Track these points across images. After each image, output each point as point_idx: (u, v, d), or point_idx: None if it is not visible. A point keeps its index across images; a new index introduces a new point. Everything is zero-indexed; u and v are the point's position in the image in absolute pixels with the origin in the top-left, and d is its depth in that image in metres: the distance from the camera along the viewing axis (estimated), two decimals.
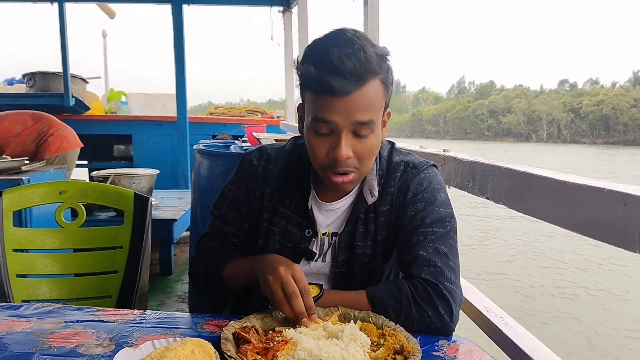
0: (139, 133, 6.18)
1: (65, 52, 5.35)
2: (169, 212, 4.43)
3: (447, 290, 1.15)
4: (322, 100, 1.14)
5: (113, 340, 1.04)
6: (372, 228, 1.30)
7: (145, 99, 6.88)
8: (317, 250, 1.34)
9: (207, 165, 3.16)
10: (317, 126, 1.17)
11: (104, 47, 9.81)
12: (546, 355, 1.17)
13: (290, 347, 0.97)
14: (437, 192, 1.29)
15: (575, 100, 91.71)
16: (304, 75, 1.17)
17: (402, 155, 1.36)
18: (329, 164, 1.20)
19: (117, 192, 1.87)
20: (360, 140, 1.18)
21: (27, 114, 4.15)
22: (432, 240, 1.21)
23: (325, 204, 1.34)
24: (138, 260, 1.80)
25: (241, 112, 6.81)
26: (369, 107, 1.15)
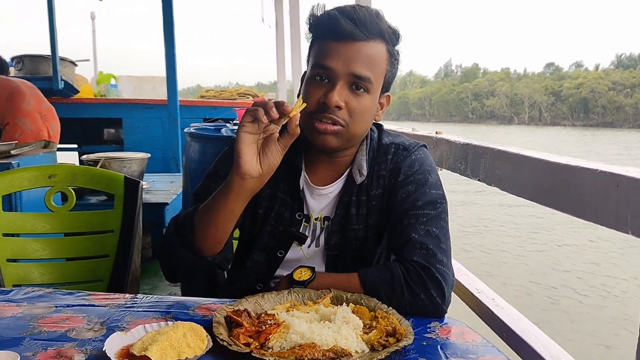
0: (129, 116, 6.10)
1: (53, 34, 5.27)
2: (161, 196, 4.40)
3: (439, 272, 1.15)
4: (327, 45, 1.18)
5: (104, 325, 1.03)
6: (364, 211, 1.30)
7: (135, 82, 6.80)
8: (309, 234, 1.33)
9: (199, 148, 3.14)
10: (315, 72, 1.20)
11: (93, 30, 9.66)
12: (537, 335, 1.18)
13: (283, 330, 0.97)
14: (428, 173, 1.28)
15: (556, 83, 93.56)
16: (315, 18, 1.22)
17: (392, 137, 1.36)
18: (317, 109, 1.20)
19: (107, 176, 1.85)
20: (355, 95, 1.19)
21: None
22: (423, 223, 1.21)
23: (317, 188, 1.33)
24: (129, 245, 1.79)
25: (232, 95, 6.75)
26: (369, 64, 1.18)
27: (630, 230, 0.81)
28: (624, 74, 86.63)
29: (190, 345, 0.90)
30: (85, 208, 2.44)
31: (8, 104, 3.92)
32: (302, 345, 0.92)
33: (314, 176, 1.34)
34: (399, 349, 0.93)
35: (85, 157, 4.29)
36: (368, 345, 0.97)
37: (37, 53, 5.56)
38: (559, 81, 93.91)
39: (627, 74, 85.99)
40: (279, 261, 1.34)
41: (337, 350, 0.91)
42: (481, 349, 0.98)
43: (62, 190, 1.81)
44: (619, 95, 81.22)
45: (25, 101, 4.00)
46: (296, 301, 1.14)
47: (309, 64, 1.25)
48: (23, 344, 0.94)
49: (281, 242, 1.33)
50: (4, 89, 3.96)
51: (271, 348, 0.94)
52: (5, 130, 3.88)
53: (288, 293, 1.16)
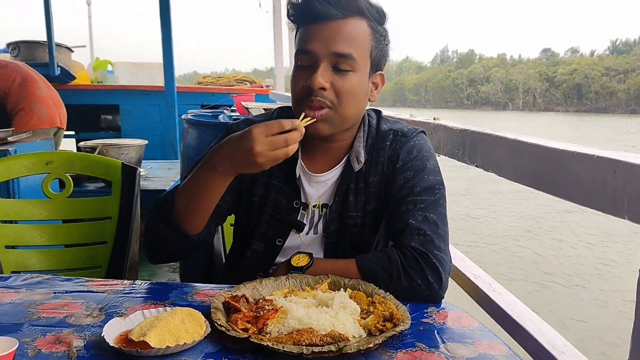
0: (126, 103, 6.08)
1: (49, 20, 5.23)
2: (159, 183, 4.40)
3: (437, 258, 1.16)
4: (305, 30, 1.19)
5: (103, 311, 1.04)
6: (362, 198, 1.30)
7: (132, 68, 6.77)
8: (307, 222, 1.33)
9: (196, 135, 3.13)
10: (298, 58, 1.21)
11: (89, 15, 9.60)
12: (533, 320, 1.19)
13: (281, 315, 0.97)
14: (426, 159, 1.28)
15: (550, 69, 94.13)
16: (293, 10, 1.22)
17: (390, 124, 1.35)
18: (304, 95, 1.19)
19: (104, 163, 1.85)
20: (340, 75, 1.18)
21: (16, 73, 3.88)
22: (421, 209, 1.21)
23: (315, 175, 1.33)
24: (127, 231, 1.80)
25: (230, 82, 6.74)
26: (350, 41, 1.17)
27: (627, 215, 0.81)
28: (617, 59, 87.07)
29: (188, 330, 0.90)
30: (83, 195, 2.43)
31: (22, 89, 3.85)
32: (300, 330, 0.93)
33: (311, 163, 1.34)
34: (396, 334, 0.93)
35: (83, 144, 4.28)
36: (365, 330, 0.97)
37: (33, 39, 5.53)
38: (553, 67, 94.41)
39: (620, 59, 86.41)
40: (278, 249, 1.34)
41: (334, 335, 0.92)
42: (478, 334, 0.99)
43: (60, 177, 1.81)
44: (612, 81, 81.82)
45: (37, 87, 3.95)
46: (294, 287, 1.15)
47: (295, 51, 1.25)
48: (22, 330, 0.94)
49: (279, 231, 1.33)
50: (16, 73, 3.89)
51: (269, 333, 0.94)
52: (19, 115, 3.81)
53: (286, 279, 1.16)
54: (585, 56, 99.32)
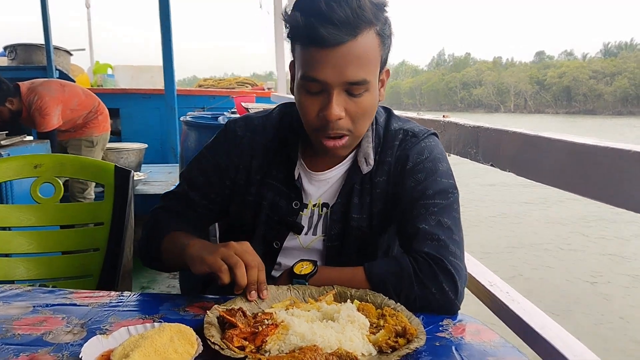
0: (126, 106, 6.01)
1: (47, 23, 5.16)
2: (158, 187, 4.32)
3: (452, 265, 1.06)
4: (311, 54, 1.04)
5: (85, 327, 0.93)
6: (367, 199, 1.20)
7: (132, 71, 6.69)
8: (306, 222, 1.24)
9: (195, 137, 3.04)
10: (306, 84, 1.08)
11: (88, 18, 9.52)
12: (557, 333, 1.08)
13: (281, 331, 0.87)
14: (438, 161, 1.18)
15: (541, 72, 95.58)
16: (292, 26, 1.07)
17: (401, 123, 1.26)
18: (320, 125, 1.10)
19: (96, 165, 1.75)
20: (353, 99, 1.07)
21: (78, 87, 4.12)
22: (434, 213, 1.11)
23: (316, 173, 1.23)
24: (120, 237, 1.69)
25: (231, 84, 6.65)
26: (362, 63, 1.04)
27: None
28: (604, 62, 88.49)
29: (177, 350, 0.80)
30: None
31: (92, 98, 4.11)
32: (303, 348, 0.82)
33: (312, 162, 1.25)
34: (410, 352, 0.83)
35: None
36: (375, 347, 0.87)
37: (31, 42, 5.45)
38: (544, 70, 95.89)
39: (607, 62, 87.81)
40: (276, 253, 1.26)
41: (341, 353, 0.82)
42: (500, 350, 0.88)
43: (49, 181, 1.71)
44: (599, 83, 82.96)
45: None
46: (296, 298, 1.05)
47: (297, 68, 1.11)
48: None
49: (277, 233, 1.25)
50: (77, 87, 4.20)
51: (268, 352, 0.84)
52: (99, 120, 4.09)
53: (287, 289, 1.06)
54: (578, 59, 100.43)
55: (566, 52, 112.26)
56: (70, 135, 3.93)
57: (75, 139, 3.93)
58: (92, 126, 3.95)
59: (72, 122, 3.87)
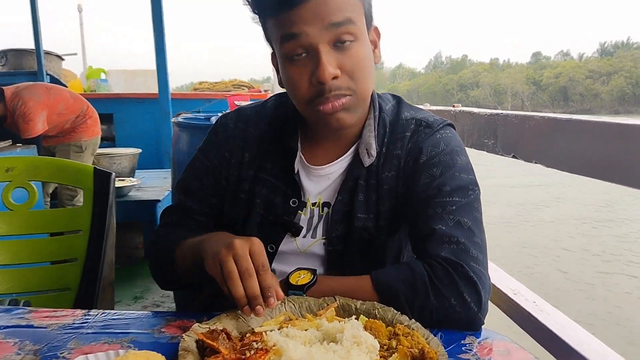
0: (120, 111, 5.86)
1: (37, 27, 5.01)
2: (152, 193, 4.17)
3: (474, 271, 0.90)
4: (284, 19, 0.92)
5: (38, 354, 0.78)
6: (373, 197, 1.05)
7: (126, 75, 6.55)
8: (304, 223, 1.09)
9: (187, 139, 2.88)
10: (287, 48, 0.94)
11: (80, 22, 9.36)
12: (597, 349, 0.92)
13: (273, 357, 0.72)
14: (456, 154, 1.03)
15: (537, 73, 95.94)
16: (257, 2, 0.96)
17: (413, 112, 1.10)
18: (315, 93, 0.95)
19: (74, 168, 1.59)
20: (344, 52, 0.93)
21: (65, 91, 3.96)
22: (452, 212, 0.95)
23: (315, 167, 1.08)
24: (100, 246, 1.53)
25: (227, 87, 6.50)
26: (341, 5, 0.91)
27: None
28: (600, 62, 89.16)
29: None
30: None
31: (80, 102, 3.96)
32: None
33: (311, 154, 1.09)
34: None
35: None
36: None
37: (21, 47, 5.31)
38: (540, 70, 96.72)
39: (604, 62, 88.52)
40: (271, 257, 1.09)
41: None
42: None
43: (22, 186, 1.55)
44: (595, 83, 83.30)
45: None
46: (292, 314, 0.89)
47: (273, 43, 0.99)
48: None
49: (272, 235, 1.09)
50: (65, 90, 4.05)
51: None
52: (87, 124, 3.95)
53: (281, 303, 0.90)
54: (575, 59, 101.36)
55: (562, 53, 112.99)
56: (59, 140, 3.77)
57: (64, 144, 3.78)
58: (80, 131, 3.80)
59: (60, 127, 3.71)
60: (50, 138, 3.73)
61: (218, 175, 1.13)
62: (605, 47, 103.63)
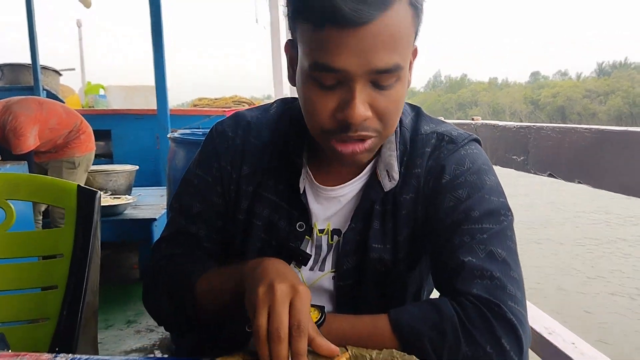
0: (118, 127, 5.75)
1: (33, 41, 4.91)
2: (148, 211, 4.03)
3: (513, 312, 0.75)
4: (326, 36, 0.73)
5: None
6: (390, 224, 0.90)
7: (125, 91, 6.44)
8: (312, 252, 0.94)
9: (184, 155, 2.76)
10: (318, 76, 0.76)
11: (80, 38, 9.28)
12: None
13: None
14: (484, 174, 0.89)
15: (535, 92, 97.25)
16: (302, 3, 0.76)
17: (434, 125, 0.95)
18: (335, 127, 0.79)
19: (56, 186, 1.45)
20: (381, 92, 0.77)
21: (58, 105, 3.80)
22: (483, 241, 0.81)
23: (325, 188, 0.93)
24: (83, 271, 1.39)
25: (227, 103, 6.39)
26: (395, 44, 0.74)
27: None
28: (597, 82, 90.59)
29: None
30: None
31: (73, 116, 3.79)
32: None
33: (321, 173, 0.95)
34: None
35: None
36: None
37: (17, 62, 5.22)
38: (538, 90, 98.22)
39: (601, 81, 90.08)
40: None
41: None
42: None
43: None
44: (593, 102, 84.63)
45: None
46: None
47: (302, 53, 0.79)
48: None
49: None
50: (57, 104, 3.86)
51: None
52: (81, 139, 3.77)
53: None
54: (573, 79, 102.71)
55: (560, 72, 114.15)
56: (51, 156, 3.64)
57: (56, 160, 3.64)
58: (73, 146, 3.66)
59: (52, 142, 3.58)
60: (43, 154, 3.59)
61: (221, 191, 0.98)
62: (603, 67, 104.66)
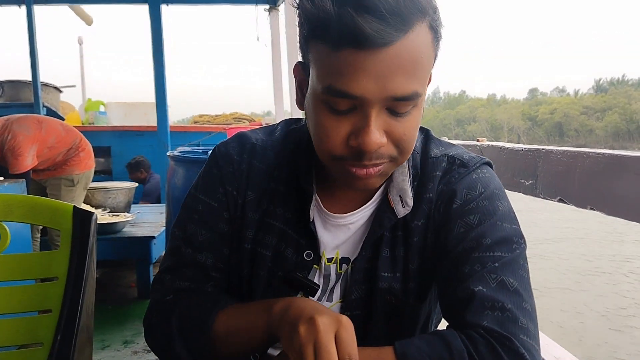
0: (118, 144, 5.73)
1: (34, 59, 4.91)
2: (147, 229, 3.99)
3: (525, 347, 0.71)
4: (343, 58, 0.68)
5: None
6: (401, 252, 0.86)
7: (125, 108, 6.43)
8: (319, 282, 0.90)
9: (183, 173, 2.73)
10: (332, 100, 0.72)
11: (81, 55, 9.29)
12: None
13: None
14: (497, 199, 0.84)
15: (533, 109, 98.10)
16: (313, 17, 0.71)
17: (444, 147, 0.91)
18: (348, 154, 0.75)
19: (50, 207, 1.41)
20: (397, 119, 0.73)
21: (57, 123, 3.73)
22: (494, 270, 0.77)
23: (334, 215, 0.89)
24: (78, 295, 1.35)
25: (227, 120, 6.39)
26: (414, 69, 0.70)
27: None
28: (595, 98, 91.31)
29: None
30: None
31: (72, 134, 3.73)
32: None
33: (329, 199, 0.90)
34: None
35: None
36: None
37: (18, 79, 5.21)
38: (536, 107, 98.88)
39: (598, 98, 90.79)
40: None
41: None
42: None
43: None
44: (590, 119, 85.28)
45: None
46: None
47: (314, 76, 0.75)
48: None
49: (281, 295, 0.86)
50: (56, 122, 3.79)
51: None
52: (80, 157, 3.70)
53: None
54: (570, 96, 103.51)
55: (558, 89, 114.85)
56: (50, 174, 3.60)
57: (55, 177, 3.60)
58: (72, 164, 3.62)
59: (51, 160, 3.54)
60: (41, 172, 3.55)
61: (228, 216, 0.93)
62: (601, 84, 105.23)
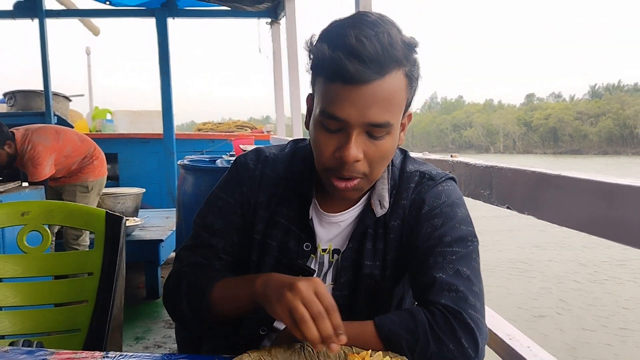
0: (124, 151, 5.94)
1: (46, 69, 5.13)
2: (155, 233, 4.20)
3: (472, 318, 0.94)
4: (334, 89, 0.94)
5: None
6: (381, 246, 1.10)
7: (132, 116, 6.66)
8: (315, 268, 1.13)
9: (193, 181, 2.95)
10: (325, 121, 0.98)
11: (88, 65, 9.55)
12: None
13: None
14: (457, 207, 1.08)
15: (528, 114, 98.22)
16: (316, 58, 0.98)
17: (417, 165, 1.16)
18: (334, 165, 1.00)
19: (86, 212, 1.64)
20: (373, 141, 0.98)
21: (73, 133, 3.95)
22: (452, 262, 1.00)
23: (328, 215, 1.13)
24: (110, 288, 1.57)
25: (230, 128, 6.61)
26: (387, 104, 0.95)
27: None
28: (589, 104, 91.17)
29: None
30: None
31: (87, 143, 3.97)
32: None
33: (325, 201, 1.15)
34: None
35: None
36: None
37: (29, 88, 5.42)
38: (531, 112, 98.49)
39: (592, 104, 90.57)
40: None
41: None
42: None
43: (37, 229, 1.60)
44: (584, 124, 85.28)
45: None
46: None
47: (316, 102, 1.01)
48: None
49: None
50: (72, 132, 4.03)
51: None
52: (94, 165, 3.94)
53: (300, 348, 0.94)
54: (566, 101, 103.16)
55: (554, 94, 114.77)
56: (65, 180, 3.82)
57: (70, 184, 3.82)
58: (87, 171, 3.84)
59: (67, 169, 3.76)
60: (58, 179, 3.77)
61: (240, 212, 1.17)
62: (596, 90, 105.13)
